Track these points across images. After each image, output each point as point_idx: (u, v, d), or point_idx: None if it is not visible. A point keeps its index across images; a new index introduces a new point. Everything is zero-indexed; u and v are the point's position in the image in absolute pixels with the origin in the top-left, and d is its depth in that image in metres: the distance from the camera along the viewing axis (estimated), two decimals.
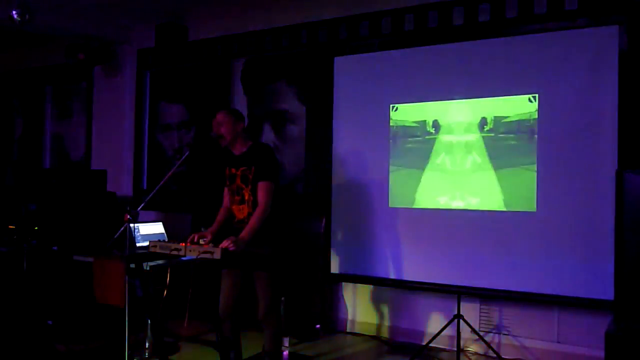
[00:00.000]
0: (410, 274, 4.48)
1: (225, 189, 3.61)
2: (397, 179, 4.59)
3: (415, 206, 4.51)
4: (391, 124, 4.64)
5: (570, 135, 3.97)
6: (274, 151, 3.58)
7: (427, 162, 4.47)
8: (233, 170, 3.50)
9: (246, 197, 3.44)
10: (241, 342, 3.61)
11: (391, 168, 4.62)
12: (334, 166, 4.90)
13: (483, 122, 4.26)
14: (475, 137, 4.29)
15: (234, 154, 3.53)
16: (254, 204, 3.40)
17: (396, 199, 4.59)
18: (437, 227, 4.40)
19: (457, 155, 4.36)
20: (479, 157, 4.27)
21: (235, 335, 3.56)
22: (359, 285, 5.01)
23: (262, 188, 3.37)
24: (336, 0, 5.13)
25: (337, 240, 4.85)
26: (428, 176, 4.47)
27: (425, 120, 4.50)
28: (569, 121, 3.98)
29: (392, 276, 4.56)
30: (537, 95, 4.08)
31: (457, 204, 4.34)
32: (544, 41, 4.08)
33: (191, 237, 3.36)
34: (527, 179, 4.10)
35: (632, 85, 3.90)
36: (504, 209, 4.18)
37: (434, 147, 4.45)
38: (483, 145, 4.25)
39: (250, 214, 3.41)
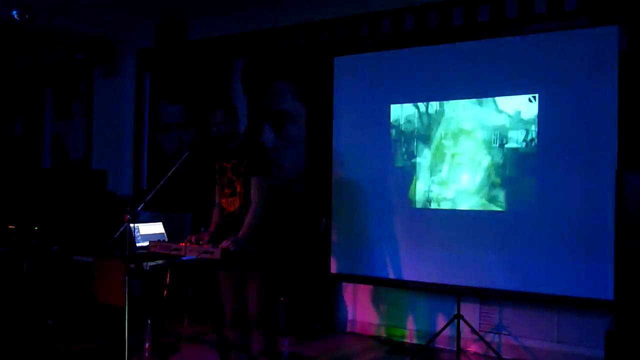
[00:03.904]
0: (410, 274, 4.48)
1: (217, 187, 3.58)
2: (397, 179, 4.59)
3: (415, 206, 4.51)
4: (391, 124, 4.64)
5: (570, 135, 3.97)
6: (266, 146, 3.56)
7: (427, 162, 4.47)
8: (224, 164, 3.48)
9: (238, 189, 3.40)
10: (251, 346, 3.55)
11: (391, 168, 4.62)
12: (334, 166, 4.90)
13: (483, 122, 4.26)
14: (475, 137, 4.29)
15: (226, 149, 3.51)
16: (247, 195, 3.35)
17: (396, 199, 4.58)
18: (437, 227, 4.40)
19: (457, 155, 4.36)
20: (479, 157, 4.27)
21: (246, 339, 3.51)
22: (359, 285, 5.01)
23: (254, 185, 3.33)
24: (336, 0, 5.13)
25: (337, 240, 4.85)
26: (428, 176, 4.47)
27: (425, 120, 4.50)
28: (569, 121, 3.98)
29: (392, 276, 4.56)
30: (537, 95, 4.08)
31: (458, 204, 4.34)
32: (544, 41, 4.08)
33: (188, 238, 3.35)
34: (527, 179, 4.10)
35: (632, 85, 3.90)
36: (504, 209, 4.17)
37: (434, 147, 4.45)
38: (483, 145, 4.25)
39: (242, 206, 3.37)
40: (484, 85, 4.26)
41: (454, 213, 4.35)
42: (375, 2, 4.92)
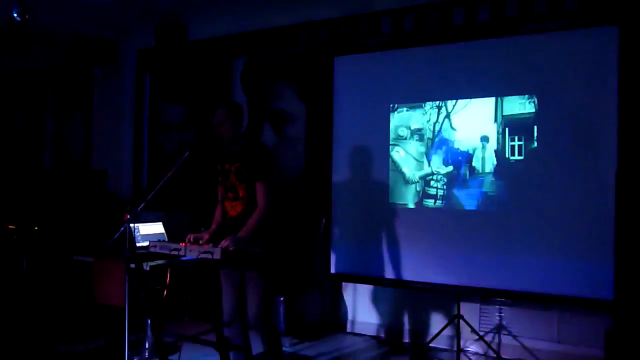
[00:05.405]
0: (410, 274, 4.48)
1: (219, 187, 3.54)
2: (397, 178, 4.59)
3: (415, 206, 4.51)
4: (391, 124, 4.65)
5: (570, 135, 3.97)
6: (270, 150, 3.51)
7: (427, 162, 4.47)
8: (227, 167, 3.42)
9: (240, 194, 3.36)
10: (250, 344, 3.54)
11: (391, 168, 4.62)
12: (334, 166, 4.90)
13: (483, 122, 4.26)
14: (474, 137, 4.29)
15: (229, 150, 3.45)
16: (249, 201, 3.32)
17: (396, 198, 4.59)
18: (437, 227, 4.40)
19: (456, 155, 4.36)
20: (478, 157, 4.27)
21: (245, 339, 3.50)
22: (359, 285, 5.01)
23: (260, 189, 3.29)
24: (336, 0, 5.13)
25: (337, 240, 4.85)
26: (428, 176, 4.47)
27: (424, 120, 4.51)
28: (568, 121, 3.98)
29: (392, 276, 4.56)
30: (536, 95, 4.08)
31: (457, 204, 4.34)
32: (544, 41, 4.08)
33: (187, 237, 3.32)
34: (526, 179, 4.10)
35: (632, 85, 3.90)
36: (505, 209, 4.17)
37: (434, 147, 4.45)
38: (482, 145, 4.25)
39: (244, 211, 3.33)
40: (484, 86, 4.26)
41: (454, 213, 4.35)
42: (375, 2, 4.92)
